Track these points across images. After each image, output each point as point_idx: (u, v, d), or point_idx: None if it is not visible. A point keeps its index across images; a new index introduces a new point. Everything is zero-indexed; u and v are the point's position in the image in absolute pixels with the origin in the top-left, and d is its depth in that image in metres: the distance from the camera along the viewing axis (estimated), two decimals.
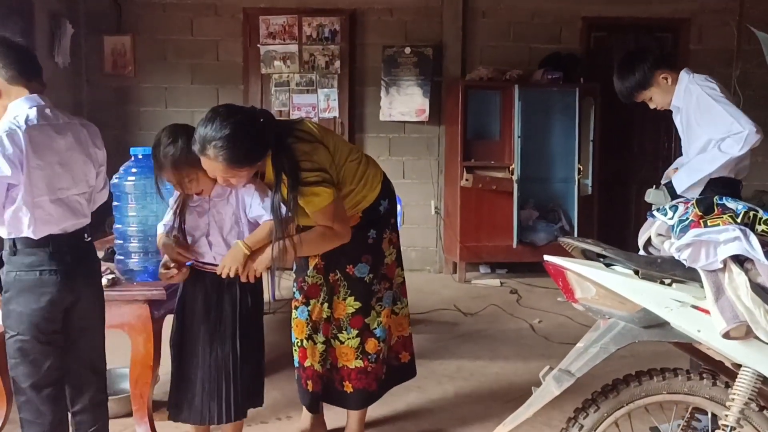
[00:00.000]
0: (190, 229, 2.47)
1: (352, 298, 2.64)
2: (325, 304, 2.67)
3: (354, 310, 2.64)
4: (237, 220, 2.44)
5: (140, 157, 2.80)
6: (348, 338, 2.65)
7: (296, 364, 2.78)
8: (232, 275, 2.35)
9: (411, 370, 2.89)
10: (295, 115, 6.09)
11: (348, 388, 2.69)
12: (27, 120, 2.06)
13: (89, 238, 2.25)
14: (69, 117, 2.22)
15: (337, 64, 6.11)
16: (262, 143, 2.29)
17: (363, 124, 6.24)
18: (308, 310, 2.70)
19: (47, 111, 2.13)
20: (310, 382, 2.73)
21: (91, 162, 2.24)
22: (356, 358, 2.65)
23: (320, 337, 2.70)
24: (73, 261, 2.14)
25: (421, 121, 6.15)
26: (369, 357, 2.66)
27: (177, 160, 2.31)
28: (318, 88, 6.13)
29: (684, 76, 2.89)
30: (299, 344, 2.74)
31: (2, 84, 2.10)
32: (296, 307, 2.75)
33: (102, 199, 2.43)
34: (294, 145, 2.36)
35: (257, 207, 2.40)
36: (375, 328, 2.67)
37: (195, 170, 2.32)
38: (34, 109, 2.09)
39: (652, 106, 2.99)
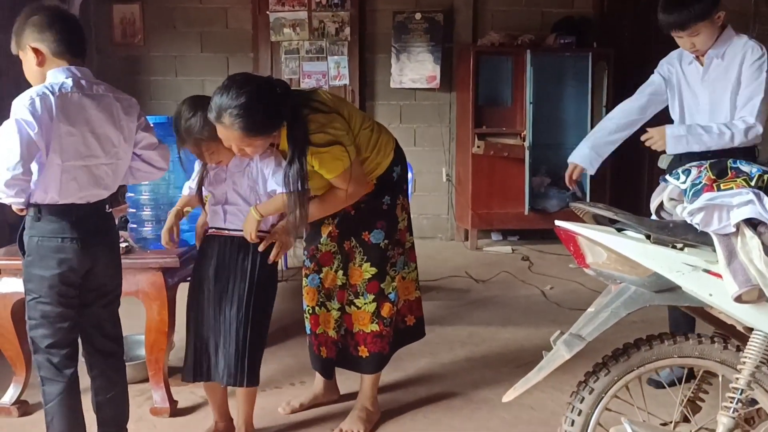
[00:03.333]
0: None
1: (368, 264, 2.65)
2: (340, 272, 2.69)
3: (370, 276, 2.65)
4: (254, 192, 2.47)
5: (151, 126, 2.81)
6: (365, 303, 2.67)
7: (308, 331, 2.81)
8: (250, 240, 2.41)
9: (418, 331, 2.91)
10: (305, 83, 6.06)
11: (363, 352, 2.71)
12: (61, 87, 2.12)
13: (110, 210, 2.30)
14: (106, 89, 2.24)
15: (347, 30, 6.06)
16: (278, 112, 2.30)
17: (374, 91, 6.20)
18: (320, 278, 2.72)
19: (82, 82, 2.17)
20: (323, 348, 2.76)
21: (122, 135, 2.25)
22: (372, 322, 2.68)
23: (335, 304, 2.71)
24: (92, 230, 2.19)
25: (432, 88, 6.10)
26: (384, 321, 2.69)
27: (198, 133, 2.35)
28: (328, 56, 6.09)
29: (731, 31, 2.84)
30: (310, 311, 2.77)
31: (47, 54, 2.16)
32: (307, 275, 2.76)
33: (150, 174, 2.40)
34: (309, 116, 2.36)
35: (273, 180, 2.42)
36: (389, 293, 2.69)
37: (215, 142, 2.35)
38: (70, 78, 2.15)
39: (689, 44, 2.83)
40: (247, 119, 2.21)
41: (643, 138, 2.88)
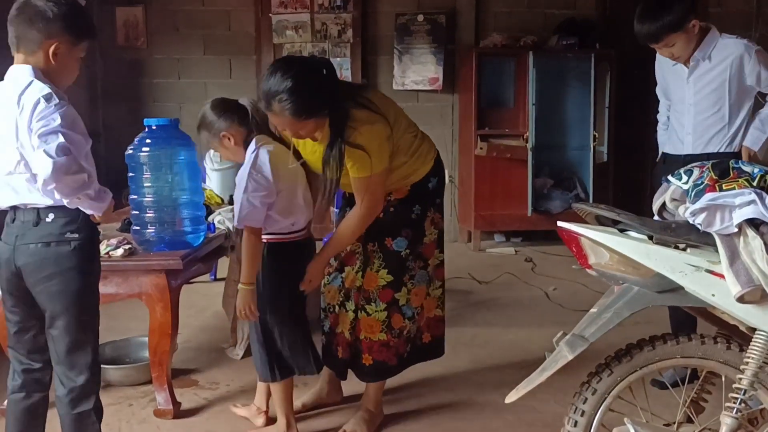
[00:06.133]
0: None
1: (385, 271, 2.60)
2: (359, 273, 2.65)
3: (385, 283, 2.60)
4: None
5: (154, 128, 2.82)
6: (375, 311, 2.61)
7: (326, 330, 2.76)
8: (250, 318, 2.52)
9: (436, 349, 2.84)
10: None
11: (367, 360, 2.66)
12: None
13: (17, 213, 2.03)
14: (13, 89, 1.96)
15: (350, 32, 6.06)
16: (325, 93, 2.31)
17: None
18: (342, 277, 2.69)
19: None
20: (340, 349, 2.71)
21: (16, 140, 1.95)
22: (381, 332, 2.62)
23: (351, 305, 2.67)
24: (10, 233, 2.05)
25: (434, 89, 6.11)
26: (393, 332, 2.63)
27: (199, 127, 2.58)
28: (330, 58, 6.09)
29: (716, 32, 2.85)
30: (331, 310, 2.72)
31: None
32: (329, 273, 2.73)
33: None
34: (352, 110, 2.35)
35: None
36: (403, 305, 2.63)
37: (214, 141, 2.56)
38: None
39: (668, 53, 2.87)
40: (295, 103, 2.23)
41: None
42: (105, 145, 5.81)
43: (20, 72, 1.98)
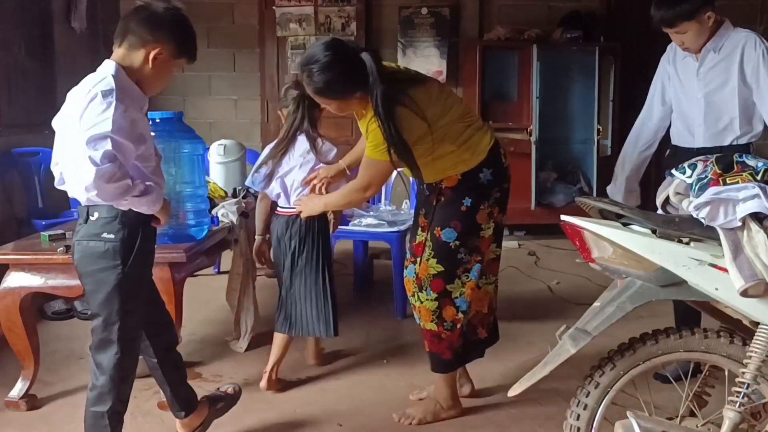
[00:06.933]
0: None
1: (435, 260, 2.60)
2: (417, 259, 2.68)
3: (435, 272, 2.60)
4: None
5: (158, 121, 2.82)
6: (426, 299, 2.62)
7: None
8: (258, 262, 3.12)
9: (493, 338, 2.88)
10: None
11: (426, 347, 2.70)
12: None
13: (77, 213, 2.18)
14: (85, 83, 2.07)
15: (353, 25, 6.06)
16: (350, 82, 2.40)
17: None
18: (416, 269, 2.69)
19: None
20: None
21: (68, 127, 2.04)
22: (431, 321, 2.62)
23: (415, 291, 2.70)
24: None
25: None
26: (444, 324, 2.62)
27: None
28: None
29: (729, 25, 2.86)
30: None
31: None
32: (406, 267, 2.76)
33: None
34: (396, 107, 2.40)
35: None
36: (456, 297, 2.62)
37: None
38: None
39: (679, 40, 2.88)
40: (316, 80, 2.39)
41: None
42: None
43: (105, 66, 2.07)
